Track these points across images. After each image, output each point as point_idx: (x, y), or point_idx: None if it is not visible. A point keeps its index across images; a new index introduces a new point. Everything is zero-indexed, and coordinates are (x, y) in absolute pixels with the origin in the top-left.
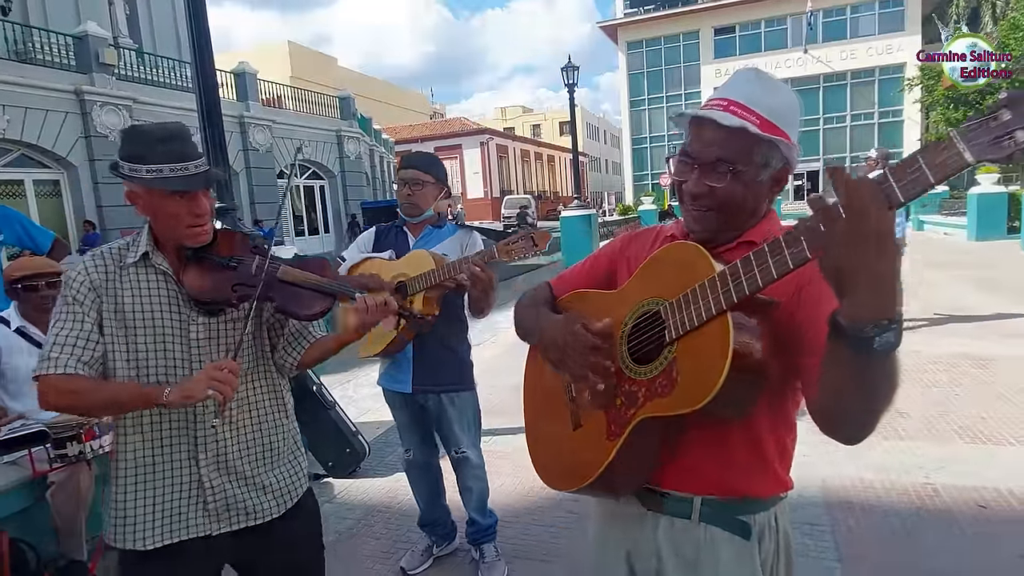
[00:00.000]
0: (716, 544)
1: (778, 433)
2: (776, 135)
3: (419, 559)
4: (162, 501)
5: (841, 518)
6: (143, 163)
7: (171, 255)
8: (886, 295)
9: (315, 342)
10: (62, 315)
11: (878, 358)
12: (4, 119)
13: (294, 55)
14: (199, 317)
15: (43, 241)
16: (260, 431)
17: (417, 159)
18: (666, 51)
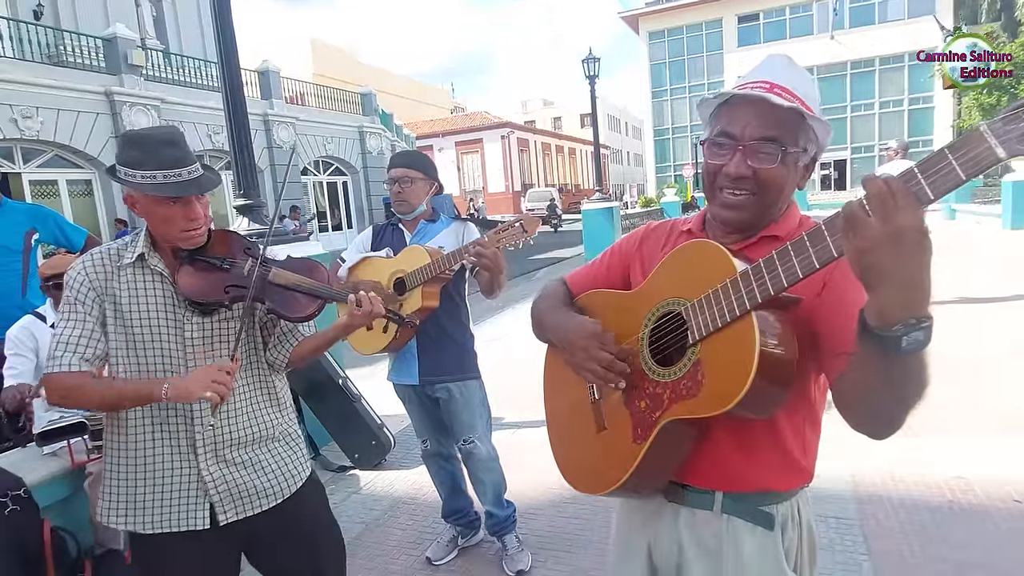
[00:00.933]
0: (738, 535)
1: (802, 429)
2: (809, 110)
3: (444, 549)
4: (163, 490)
5: (870, 512)
6: (139, 168)
7: (167, 256)
8: (916, 294)
9: (304, 340)
10: (65, 315)
11: (907, 357)
12: (38, 121)
13: (316, 52)
14: (193, 316)
15: (77, 239)
16: (255, 425)
17: (404, 158)
18: (688, 40)
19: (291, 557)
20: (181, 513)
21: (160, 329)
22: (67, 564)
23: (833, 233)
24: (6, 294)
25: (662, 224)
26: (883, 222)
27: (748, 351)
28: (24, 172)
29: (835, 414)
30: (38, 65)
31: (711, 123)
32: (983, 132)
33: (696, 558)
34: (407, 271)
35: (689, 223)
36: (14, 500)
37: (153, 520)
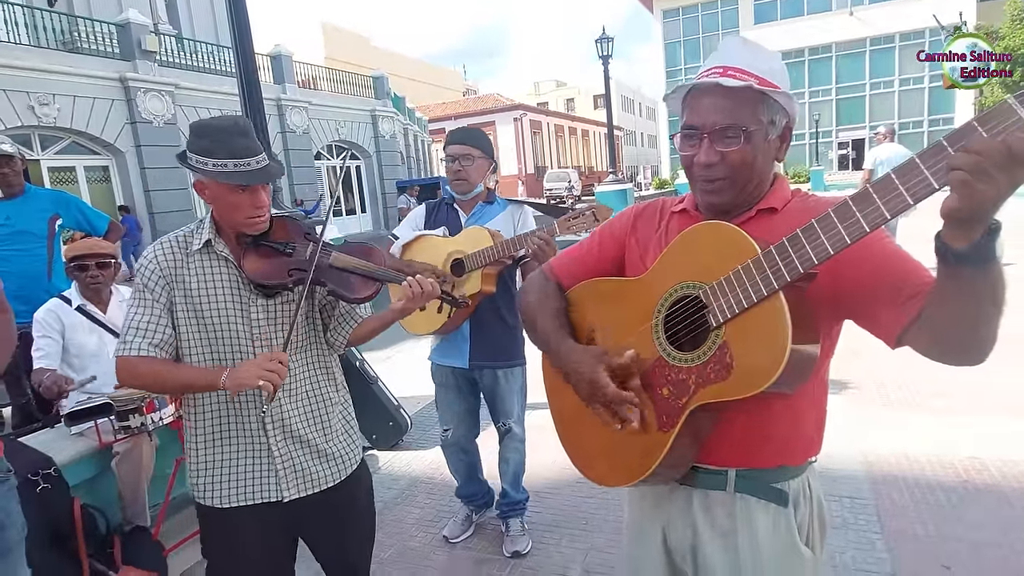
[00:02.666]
0: (752, 514)
1: (818, 402)
2: (770, 87)
3: (460, 527)
4: (238, 465)
5: (884, 492)
6: (211, 157)
7: (231, 242)
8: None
9: (362, 322)
10: (135, 301)
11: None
12: (55, 108)
13: (328, 35)
14: (258, 299)
15: (99, 224)
16: (316, 403)
17: (464, 133)
18: (703, 19)
19: (335, 536)
20: (254, 486)
21: (228, 311)
22: (97, 540)
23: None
24: (33, 278)
25: (650, 204)
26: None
27: (781, 330)
28: (42, 159)
29: (844, 395)
30: (53, 52)
31: (681, 116)
32: (1012, 105)
33: (711, 539)
34: (467, 252)
35: (681, 203)
36: (45, 479)
37: (228, 494)
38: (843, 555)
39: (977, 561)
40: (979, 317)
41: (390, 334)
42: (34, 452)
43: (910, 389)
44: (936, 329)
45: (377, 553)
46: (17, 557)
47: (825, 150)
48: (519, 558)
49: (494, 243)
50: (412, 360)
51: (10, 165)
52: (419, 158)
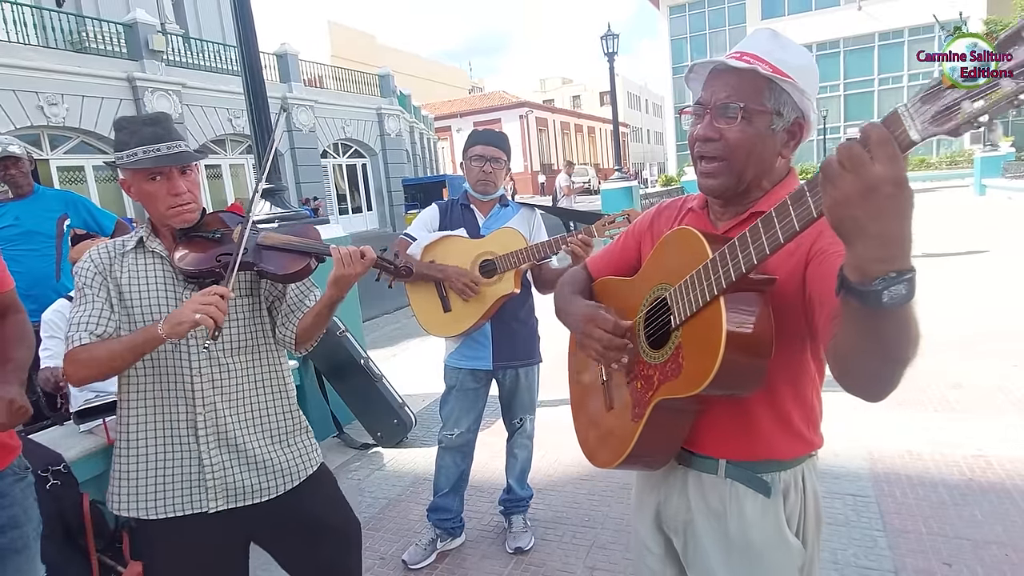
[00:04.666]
0: (741, 498)
1: (803, 398)
2: (785, 77)
3: (422, 553)
4: (164, 474)
5: (887, 489)
6: (124, 149)
7: (167, 240)
8: (893, 248)
9: (306, 311)
10: (76, 302)
11: (890, 312)
12: (63, 107)
13: (334, 34)
14: (191, 293)
15: (107, 224)
16: (259, 408)
17: (495, 136)
18: (710, 15)
19: (292, 545)
20: (179, 497)
21: (160, 308)
22: (105, 535)
23: (814, 193)
24: (41, 278)
25: (673, 202)
26: (856, 174)
27: (717, 333)
28: (51, 158)
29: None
30: (61, 52)
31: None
32: (900, 114)
33: (703, 518)
34: (498, 254)
35: (695, 200)
36: (55, 475)
37: (156, 505)
38: (845, 552)
39: (979, 559)
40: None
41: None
42: (44, 449)
43: (914, 386)
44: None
45: (381, 550)
46: (33, 553)
47: (832, 147)
48: (521, 554)
49: (528, 245)
50: (417, 358)
51: (17, 166)
52: (425, 156)
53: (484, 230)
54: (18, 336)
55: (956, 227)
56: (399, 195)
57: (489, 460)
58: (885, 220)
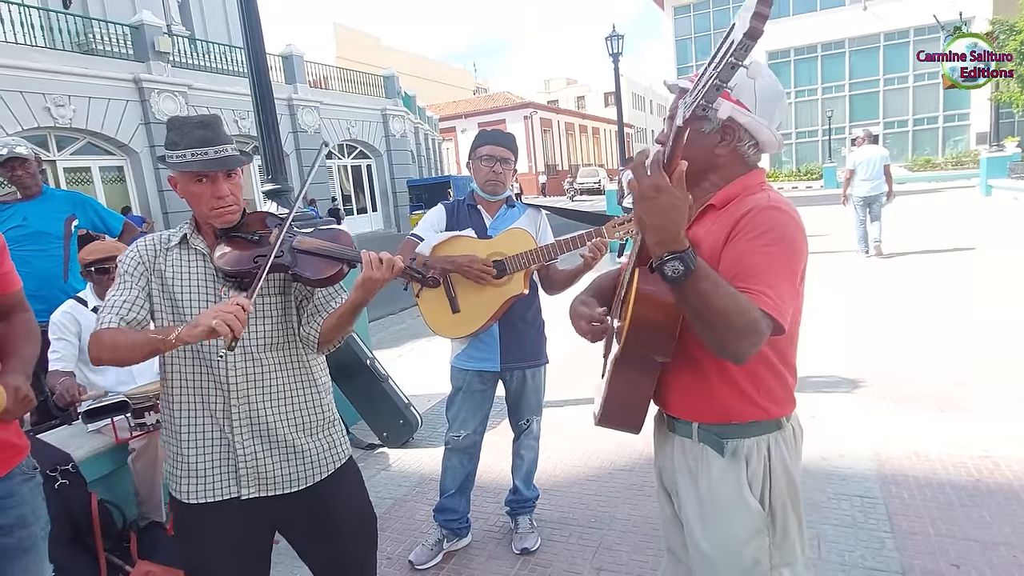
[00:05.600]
0: (709, 460)
1: (749, 365)
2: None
3: (429, 553)
4: (197, 460)
5: (895, 491)
6: (175, 149)
7: (209, 238)
8: (663, 234)
9: (331, 312)
10: (115, 285)
11: (683, 284)
12: (70, 109)
13: (339, 35)
14: (230, 292)
15: (115, 225)
16: (292, 401)
17: (503, 136)
18: (715, 15)
19: (315, 536)
20: (215, 483)
21: (201, 304)
22: (113, 535)
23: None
24: (49, 279)
25: None
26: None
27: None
28: (58, 159)
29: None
30: (68, 54)
31: None
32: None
33: (684, 477)
34: (507, 254)
35: None
36: (63, 474)
37: (193, 489)
38: (853, 554)
39: (987, 560)
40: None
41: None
42: (52, 448)
43: (921, 387)
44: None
45: (388, 550)
46: (41, 553)
47: (838, 147)
48: (528, 555)
49: (538, 246)
50: (423, 359)
51: (25, 167)
52: (429, 157)
53: (491, 231)
54: (25, 334)
55: (960, 227)
56: (404, 196)
57: (495, 461)
58: (653, 215)
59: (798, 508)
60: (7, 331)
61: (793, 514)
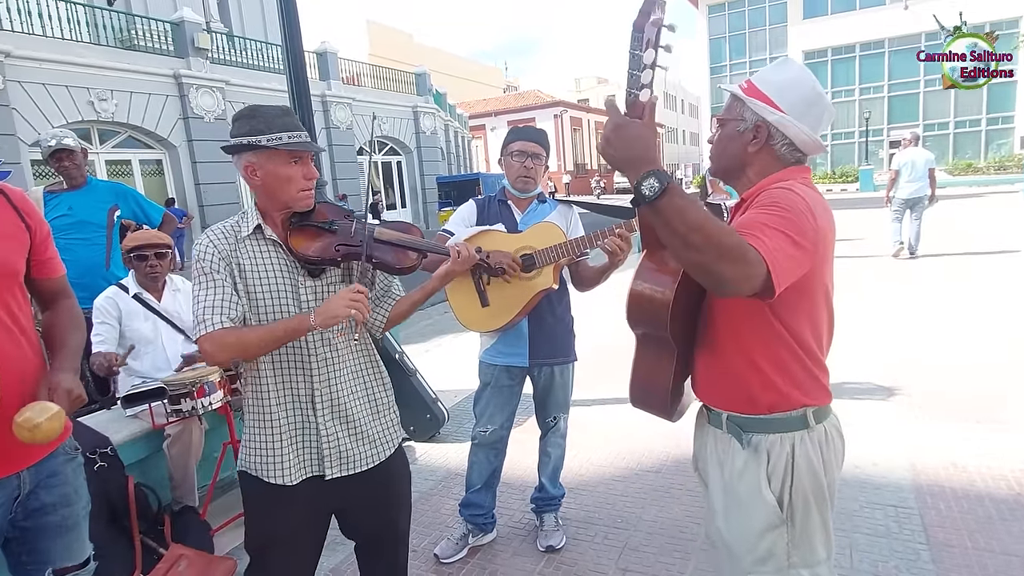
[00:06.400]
0: (733, 451)
1: (772, 352)
2: (755, 97)
3: (454, 547)
4: (285, 443)
5: (931, 502)
6: (263, 134)
7: (277, 227)
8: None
9: (401, 298)
10: (202, 285)
11: (659, 204)
12: (113, 103)
13: (372, 32)
14: (306, 280)
15: (155, 216)
16: (364, 384)
17: (535, 132)
18: (750, 14)
19: (370, 515)
20: (300, 464)
21: (279, 293)
22: (148, 518)
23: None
24: (92, 267)
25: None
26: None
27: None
28: (100, 152)
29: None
30: (112, 49)
31: None
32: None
33: (713, 468)
34: (537, 248)
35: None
36: (102, 457)
37: (278, 472)
38: (886, 564)
39: None
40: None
41: (429, 328)
42: (92, 432)
43: (958, 397)
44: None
45: (413, 542)
46: (82, 531)
47: (875, 149)
48: (553, 552)
49: (567, 240)
50: (450, 354)
51: (71, 158)
52: (459, 154)
53: (522, 226)
54: (71, 321)
55: (1002, 232)
56: (433, 192)
57: (521, 458)
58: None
59: (824, 511)
60: (54, 320)
61: (817, 515)
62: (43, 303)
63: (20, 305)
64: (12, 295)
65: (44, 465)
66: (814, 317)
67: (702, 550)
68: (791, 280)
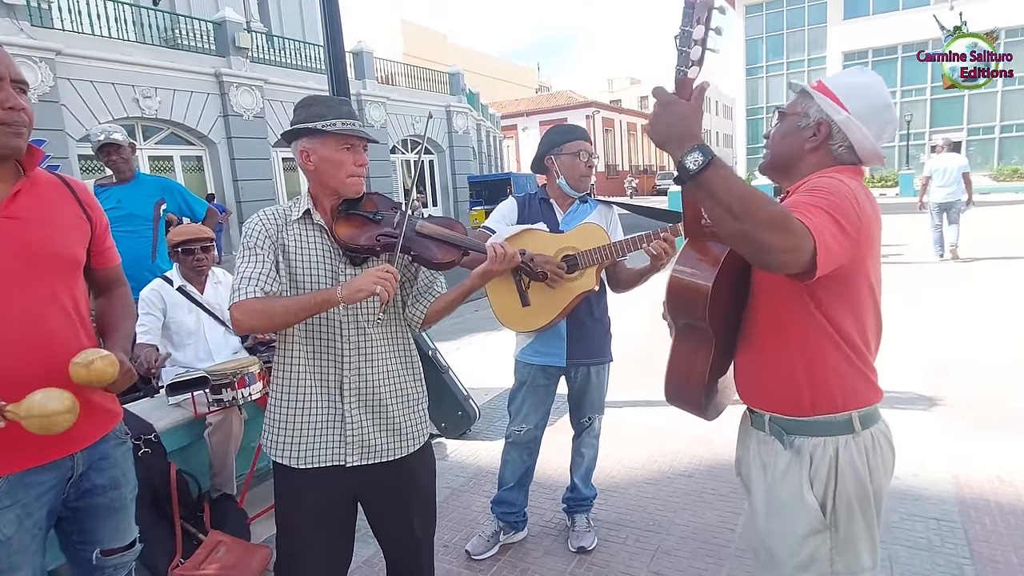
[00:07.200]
0: (776, 454)
1: (812, 352)
2: (823, 93)
3: (485, 544)
4: (311, 426)
5: (975, 516)
6: (320, 120)
7: (325, 214)
8: (677, 136)
9: (440, 295)
10: (245, 258)
11: (700, 175)
12: (156, 101)
13: (407, 32)
14: (347, 268)
15: (199, 210)
16: (395, 375)
17: (586, 132)
18: (788, 14)
19: (395, 510)
20: (323, 450)
21: (319, 278)
22: (189, 504)
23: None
24: (138, 259)
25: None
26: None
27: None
28: (144, 148)
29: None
30: (156, 48)
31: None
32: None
33: (756, 471)
34: (579, 249)
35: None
36: (146, 443)
37: (301, 455)
38: None
39: None
40: (717, 220)
41: (460, 326)
42: (136, 418)
43: (1005, 409)
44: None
45: (444, 538)
46: (130, 513)
47: (917, 153)
48: (584, 553)
49: (610, 242)
50: (483, 351)
51: (119, 153)
52: (490, 154)
53: (563, 225)
54: (123, 309)
55: None
56: (464, 192)
57: (553, 457)
58: (665, 129)
59: (870, 519)
60: (107, 306)
61: (863, 522)
62: (98, 291)
63: (80, 293)
64: (75, 283)
65: (96, 448)
66: (858, 312)
67: (735, 556)
68: (835, 264)
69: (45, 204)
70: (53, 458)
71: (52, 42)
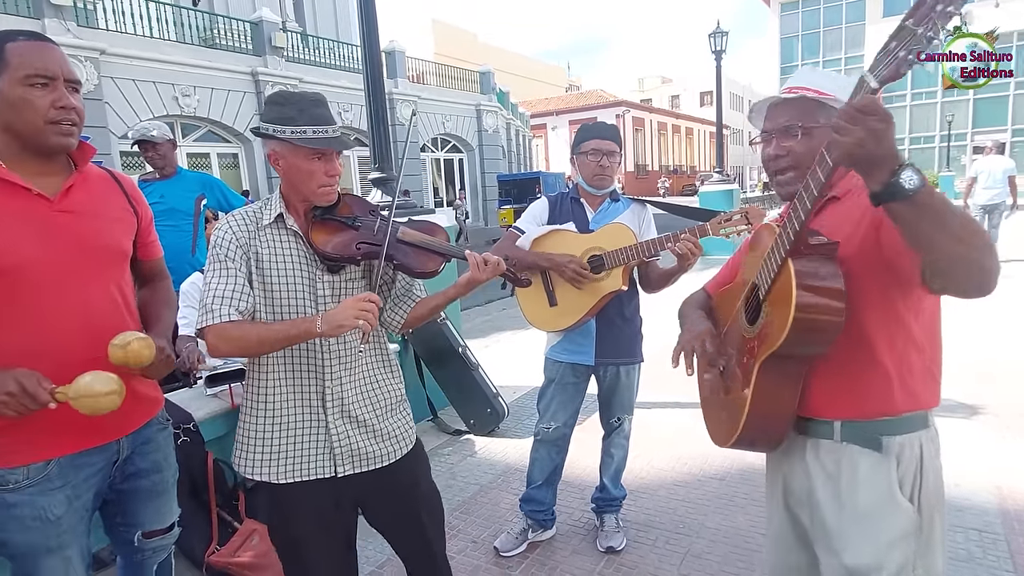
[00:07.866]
0: (854, 458)
1: (898, 350)
2: (825, 96)
3: (514, 541)
4: (294, 441)
5: (1019, 528)
6: (290, 124)
7: (299, 217)
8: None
9: (421, 300)
10: (216, 271)
11: (920, 197)
12: (195, 99)
13: (438, 31)
14: (324, 275)
15: (238, 205)
16: (372, 384)
17: (608, 129)
18: (825, 12)
19: (396, 510)
20: (310, 463)
21: (296, 286)
22: (225, 493)
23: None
24: (179, 253)
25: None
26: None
27: (789, 293)
28: (182, 145)
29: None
30: (195, 47)
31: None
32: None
33: (820, 482)
34: (606, 249)
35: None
36: (184, 432)
37: (284, 470)
38: None
39: None
40: (934, 244)
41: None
42: (176, 407)
43: None
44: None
45: (473, 534)
46: (171, 497)
47: (958, 154)
48: (613, 554)
49: (637, 242)
50: (511, 349)
51: (156, 149)
52: (520, 153)
53: (594, 224)
54: (166, 300)
55: None
56: (493, 190)
57: (581, 456)
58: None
59: (944, 518)
60: (150, 297)
61: (939, 522)
62: (142, 282)
63: (128, 284)
64: (122, 274)
65: (140, 433)
66: (932, 309)
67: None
68: None
69: (96, 198)
70: (101, 442)
71: (97, 42)
